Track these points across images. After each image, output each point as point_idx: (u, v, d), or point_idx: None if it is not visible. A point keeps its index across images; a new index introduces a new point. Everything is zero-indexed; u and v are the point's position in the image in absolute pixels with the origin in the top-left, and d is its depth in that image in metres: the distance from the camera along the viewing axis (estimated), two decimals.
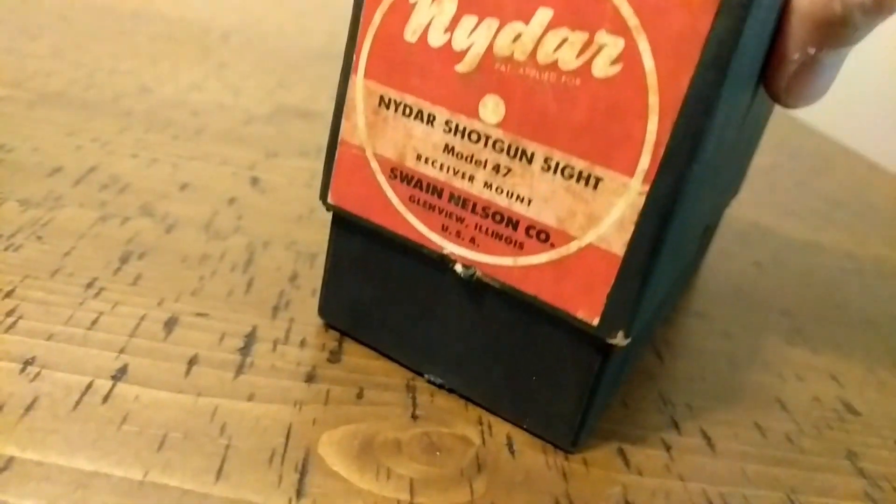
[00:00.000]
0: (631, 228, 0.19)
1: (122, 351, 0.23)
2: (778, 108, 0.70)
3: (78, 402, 0.20)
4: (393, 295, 0.24)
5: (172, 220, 0.31)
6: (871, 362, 0.33)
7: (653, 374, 0.28)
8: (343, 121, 0.22)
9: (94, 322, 0.24)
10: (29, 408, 0.20)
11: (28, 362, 0.22)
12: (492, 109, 0.20)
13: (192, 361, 0.23)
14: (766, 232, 0.46)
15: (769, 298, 0.37)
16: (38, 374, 0.21)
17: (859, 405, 0.29)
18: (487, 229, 0.21)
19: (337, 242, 0.25)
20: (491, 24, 0.19)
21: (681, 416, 0.26)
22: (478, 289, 0.22)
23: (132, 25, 0.61)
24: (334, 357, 0.25)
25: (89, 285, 0.26)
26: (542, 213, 0.20)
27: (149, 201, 0.33)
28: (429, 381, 0.24)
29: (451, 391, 0.24)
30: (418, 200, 0.22)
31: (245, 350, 0.24)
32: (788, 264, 0.42)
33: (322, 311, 0.26)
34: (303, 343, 0.25)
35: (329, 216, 0.25)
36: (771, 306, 0.36)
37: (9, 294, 0.24)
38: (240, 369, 0.23)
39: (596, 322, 0.20)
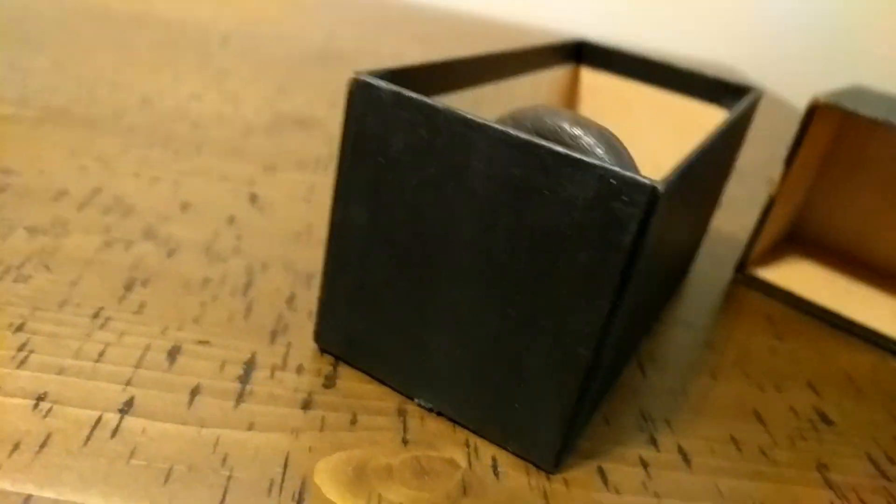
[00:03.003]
0: None
1: (128, 383, 0.24)
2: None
3: (89, 438, 0.22)
4: (384, 325, 0.25)
5: (174, 244, 0.33)
6: (851, 369, 0.34)
7: (635, 388, 0.29)
8: None
9: (102, 354, 0.25)
10: (43, 445, 0.21)
11: (41, 398, 0.23)
12: None
13: (194, 391, 0.25)
14: None
15: (754, 304, 0.38)
16: (50, 409, 0.23)
17: (834, 415, 0.30)
18: None
19: (331, 276, 0.26)
20: None
21: (660, 432, 0.27)
22: (464, 321, 0.23)
23: (133, 32, 0.61)
24: (329, 382, 0.26)
25: (96, 315, 0.27)
26: None
27: (151, 224, 0.34)
28: (419, 405, 0.26)
29: (440, 414, 0.26)
30: None
31: (245, 377, 0.26)
32: None
33: (317, 337, 0.27)
34: (299, 369, 0.27)
35: (324, 235, 0.26)
36: (755, 312, 0.37)
37: (20, 328, 0.26)
38: (240, 398, 0.25)
39: None
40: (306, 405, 0.25)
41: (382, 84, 0.23)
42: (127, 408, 0.23)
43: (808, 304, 0.39)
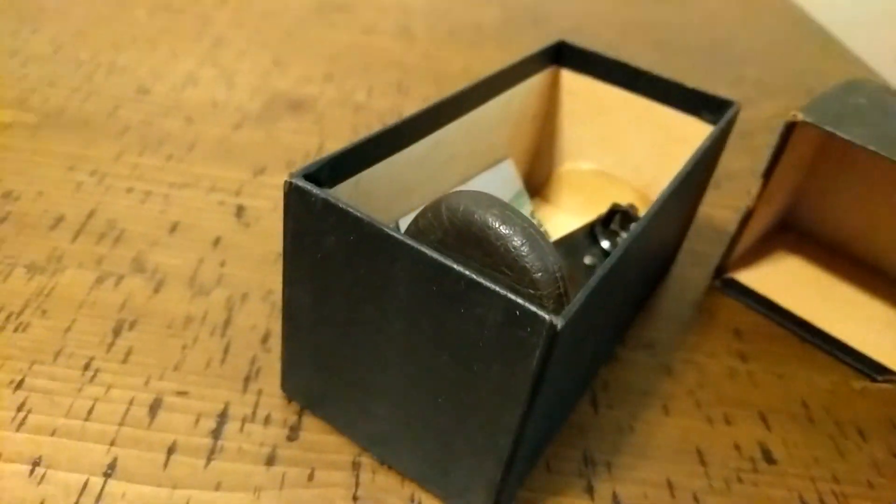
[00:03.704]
0: None
1: (112, 443, 0.27)
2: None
3: None
4: (335, 389, 0.28)
5: (161, 275, 0.35)
6: (807, 393, 0.35)
7: (584, 427, 0.31)
8: None
9: (90, 411, 0.28)
10: None
11: (36, 463, 0.26)
12: None
13: (171, 449, 0.28)
14: None
15: (725, 316, 0.39)
16: (43, 475, 0.26)
17: (778, 451, 0.32)
18: None
19: (288, 339, 0.28)
20: None
21: (598, 478, 0.29)
22: (401, 399, 0.25)
23: None
24: (293, 434, 0.29)
25: (87, 367, 0.30)
26: None
27: (141, 251, 0.36)
28: (372, 457, 0.28)
29: (391, 467, 0.28)
30: None
31: (217, 432, 0.28)
32: None
33: (284, 386, 0.30)
34: (267, 420, 0.29)
35: None
36: (725, 326, 0.38)
37: (19, 385, 0.29)
38: (211, 454, 0.28)
39: None
40: (270, 461, 0.28)
41: (314, 190, 0.24)
42: (110, 471, 0.26)
43: (783, 312, 0.39)
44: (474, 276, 0.21)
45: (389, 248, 0.23)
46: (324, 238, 0.24)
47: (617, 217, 0.37)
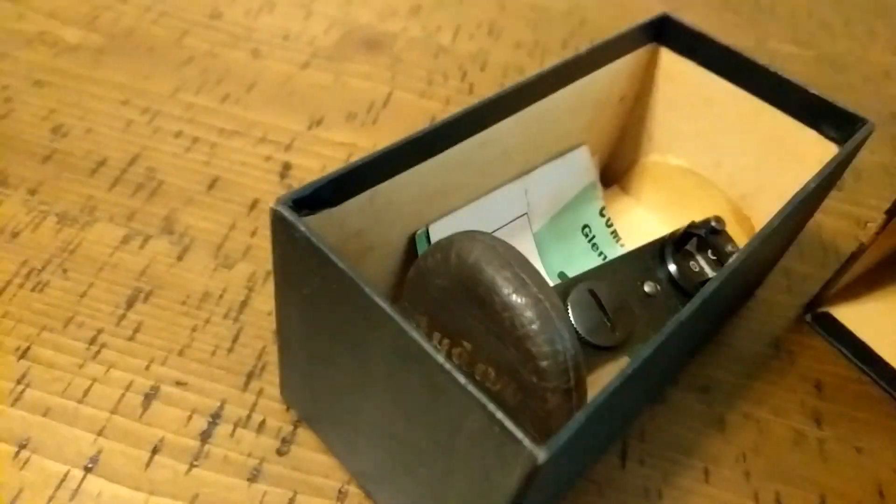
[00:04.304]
0: None
1: (100, 433, 0.27)
2: None
3: (51, 499, 0.25)
4: (326, 412, 0.25)
5: (189, 240, 0.33)
6: (891, 480, 0.30)
7: (604, 484, 0.28)
8: None
9: (86, 392, 0.28)
10: (13, 501, 0.25)
11: (23, 445, 0.26)
12: None
13: (156, 449, 0.27)
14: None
15: (808, 362, 0.33)
16: (27, 460, 0.26)
17: None
18: None
19: (283, 353, 0.26)
20: None
21: None
22: (391, 432, 0.23)
23: None
24: (284, 447, 0.27)
25: (93, 340, 0.29)
26: None
27: (174, 210, 0.34)
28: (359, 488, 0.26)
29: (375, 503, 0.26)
30: None
31: (206, 433, 0.27)
32: None
33: (282, 394, 0.28)
34: (261, 426, 0.28)
35: None
36: (805, 376, 0.33)
37: (24, 354, 0.28)
38: (195, 460, 0.26)
39: None
40: (253, 476, 0.26)
41: (300, 227, 0.20)
42: (92, 464, 0.26)
43: (882, 365, 0.33)
44: (455, 375, 0.18)
45: (371, 312, 0.19)
46: (309, 276, 0.21)
47: (693, 240, 0.31)
